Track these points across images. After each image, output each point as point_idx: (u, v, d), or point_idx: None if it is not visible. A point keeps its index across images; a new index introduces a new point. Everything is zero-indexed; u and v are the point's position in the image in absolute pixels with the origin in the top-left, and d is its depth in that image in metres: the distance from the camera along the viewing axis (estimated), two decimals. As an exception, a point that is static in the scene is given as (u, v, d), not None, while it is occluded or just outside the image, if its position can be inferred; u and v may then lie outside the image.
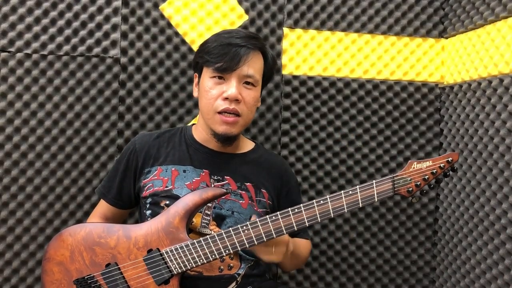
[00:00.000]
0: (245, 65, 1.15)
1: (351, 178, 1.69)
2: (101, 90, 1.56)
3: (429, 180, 1.02)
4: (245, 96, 1.17)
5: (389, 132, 1.70)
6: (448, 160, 1.01)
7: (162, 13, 1.57)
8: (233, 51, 1.14)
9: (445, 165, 1.01)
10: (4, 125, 1.51)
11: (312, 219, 1.03)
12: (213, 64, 1.15)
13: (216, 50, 1.15)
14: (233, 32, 1.19)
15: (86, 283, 1.08)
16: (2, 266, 1.53)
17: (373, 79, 1.69)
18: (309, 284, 1.68)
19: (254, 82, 1.18)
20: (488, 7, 1.47)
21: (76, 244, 1.10)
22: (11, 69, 1.51)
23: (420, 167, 1.02)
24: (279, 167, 1.33)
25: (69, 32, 1.53)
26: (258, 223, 1.03)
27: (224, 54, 1.14)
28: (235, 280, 1.19)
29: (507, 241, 1.36)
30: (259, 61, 1.20)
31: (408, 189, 1.02)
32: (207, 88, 1.17)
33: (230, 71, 1.14)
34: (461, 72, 1.61)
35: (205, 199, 1.08)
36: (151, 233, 1.08)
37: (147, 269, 1.07)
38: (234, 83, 1.15)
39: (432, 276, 1.73)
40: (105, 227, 1.11)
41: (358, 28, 1.67)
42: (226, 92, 1.15)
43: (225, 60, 1.13)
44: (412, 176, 1.02)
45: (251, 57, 1.16)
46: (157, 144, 1.27)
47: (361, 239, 1.69)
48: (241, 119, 1.18)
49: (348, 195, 1.02)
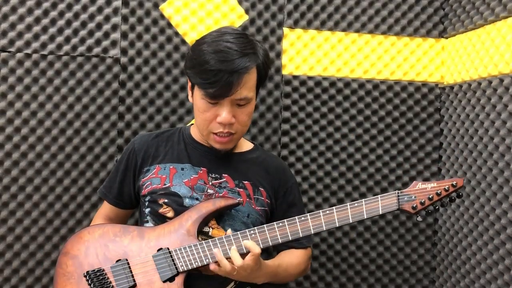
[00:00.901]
0: (239, 90, 1.09)
1: (351, 178, 1.69)
2: (101, 90, 1.56)
3: (433, 199, 1.05)
4: (238, 115, 1.14)
5: (389, 132, 1.70)
6: (453, 183, 1.05)
7: (162, 13, 1.57)
8: (226, 79, 1.06)
9: (450, 188, 1.05)
10: (4, 125, 1.51)
11: (317, 227, 1.08)
12: (204, 89, 1.09)
13: (207, 75, 1.07)
14: (225, 52, 1.08)
15: (95, 276, 1.12)
16: (2, 266, 1.53)
17: (373, 79, 1.69)
18: (309, 284, 1.68)
19: (247, 101, 1.14)
20: (488, 7, 1.47)
21: (92, 241, 1.16)
22: (11, 69, 1.51)
23: (425, 187, 1.06)
24: (277, 167, 1.33)
25: (69, 32, 1.53)
26: (265, 228, 1.09)
27: (216, 82, 1.06)
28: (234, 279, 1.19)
29: (507, 241, 1.36)
30: (252, 78, 1.13)
31: (413, 206, 1.05)
32: (200, 110, 1.14)
33: (223, 98, 1.09)
34: (461, 72, 1.61)
35: (218, 207, 1.15)
36: (163, 234, 1.15)
37: (155, 266, 1.11)
38: (227, 108, 1.11)
39: (432, 276, 1.73)
40: (122, 227, 1.18)
41: (358, 28, 1.67)
42: (220, 116, 1.11)
43: (217, 87, 1.07)
44: (417, 194, 1.06)
45: (244, 80, 1.09)
46: (156, 143, 1.28)
47: (361, 239, 1.69)
48: (235, 135, 1.18)
49: (354, 207, 1.07)
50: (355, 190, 1.69)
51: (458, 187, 1.05)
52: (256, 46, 1.15)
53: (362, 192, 1.69)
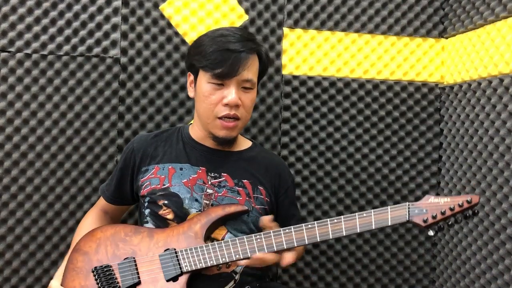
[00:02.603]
0: (245, 70, 1.15)
1: (351, 178, 1.69)
2: (101, 90, 1.56)
3: (446, 214, 1.01)
4: (244, 100, 1.18)
5: (389, 132, 1.70)
6: (468, 200, 1.00)
7: (162, 13, 1.57)
8: (233, 58, 1.12)
9: (464, 204, 1.00)
10: (4, 125, 1.51)
11: (324, 235, 1.08)
12: (211, 70, 1.14)
13: (214, 56, 1.13)
14: (229, 36, 1.16)
15: (102, 272, 1.14)
16: (2, 266, 1.53)
17: (373, 79, 1.69)
18: (309, 284, 1.68)
19: (251, 85, 1.19)
20: (488, 7, 1.47)
21: (104, 239, 1.19)
22: (11, 69, 1.51)
23: (438, 201, 1.03)
24: (277, 165, 1.33)
25: (69, 32, 1.53)
26: (271, 234, 1.10)
27: (223, 61, 1.12)
28: (233, 279, 1.20)
29: (507, 241, 1.36)
30: (256, 64, 1.20)
31: (424, 219, 1.02)
32: (206, 94, 1.17)
33: (230, 77, 1.14)
34: (461, 72, 1.61)
35: (227, 212, 1.18)
36: (171, 235, 1.17)
37: (160, 265, 1.13)
38: (233, 89, 1.15)
39: (432, 276, 1.73)
40: (134, 228, 1.20)
41: (358, 28, 1.67)
42: (227, 98, 1.15)
43: (225, 66, 1.12)
44: (428, 208, 1.03)
45: (250, 61, 1.16)
46: (155, 143, 1.29)
47: (361, 239, 1.69)
48: (240, 122, 1.20)
49: (362, 217, 1.05)
50: (355, 190, 1.69)
51: (473, 204, 1.00)
52: (256, 39, 1.23)
53: (362, 192, 1.69)
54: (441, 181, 1.70)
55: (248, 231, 1.23)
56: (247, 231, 1.23)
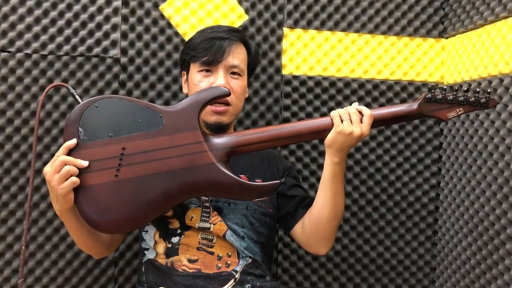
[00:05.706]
0: (230, 56, 1.22)
1: (351, 178, 1.68)
2: (101, 90, 1.56)
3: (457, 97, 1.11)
4: (233, 86, 1.23)
5: (389, 132, 1.70)
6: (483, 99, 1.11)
7: (162, 13, 1.57)
8: (218, 44, 1.21)
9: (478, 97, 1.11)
10: (4, 125, 1.51)
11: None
12: (199, 58, 1.22)
13: (201, 45, 1.22)
14: (215, 27, 1.28)
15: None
16: (2, 266, 1.53)
17: (373, 79, 1.69)
18: (309, 284, 1.68)
19: (240, 71, 1.26)
20: (488, 7, 1.47)
21: None
22: (11, 69, 1.51)
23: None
24: (270, 155, 1.37)
25: (69, 32, 1.53)
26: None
27: (209, 48, 1.21)
28: (233, 277, 1.20)
29: (507, 241, 1.36)
30: (242, 52, 1.28)
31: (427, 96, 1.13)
32: (196, 82, 1.23)
33: (216, 63, 1.21)
34: (461, 72, 1.61)
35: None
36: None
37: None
38: (221, 73, 1.22)
39: (432, 276, 1.73)
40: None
41: (358, 28, 1.67)
42: (215, 83, 1.21)
43: (210, 53, 1.20)
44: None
45: (234, 48, 1.23)
46: None
47: (361, 239, 1.69)
48: (231, 108, 1.24)
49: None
50: (355, 190, 1.69)
51: (488, 104, 1.11)
52: (246, 36, 1.33)
53: (362, 192, 1.69)
54: (441, 181, 1.70)
55: (248, 225, 1.24)
56: (248, 225, 1.24)
